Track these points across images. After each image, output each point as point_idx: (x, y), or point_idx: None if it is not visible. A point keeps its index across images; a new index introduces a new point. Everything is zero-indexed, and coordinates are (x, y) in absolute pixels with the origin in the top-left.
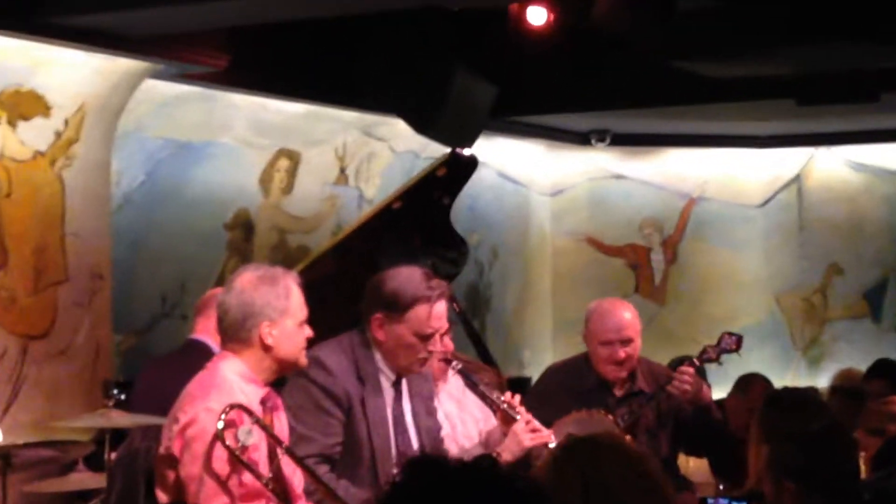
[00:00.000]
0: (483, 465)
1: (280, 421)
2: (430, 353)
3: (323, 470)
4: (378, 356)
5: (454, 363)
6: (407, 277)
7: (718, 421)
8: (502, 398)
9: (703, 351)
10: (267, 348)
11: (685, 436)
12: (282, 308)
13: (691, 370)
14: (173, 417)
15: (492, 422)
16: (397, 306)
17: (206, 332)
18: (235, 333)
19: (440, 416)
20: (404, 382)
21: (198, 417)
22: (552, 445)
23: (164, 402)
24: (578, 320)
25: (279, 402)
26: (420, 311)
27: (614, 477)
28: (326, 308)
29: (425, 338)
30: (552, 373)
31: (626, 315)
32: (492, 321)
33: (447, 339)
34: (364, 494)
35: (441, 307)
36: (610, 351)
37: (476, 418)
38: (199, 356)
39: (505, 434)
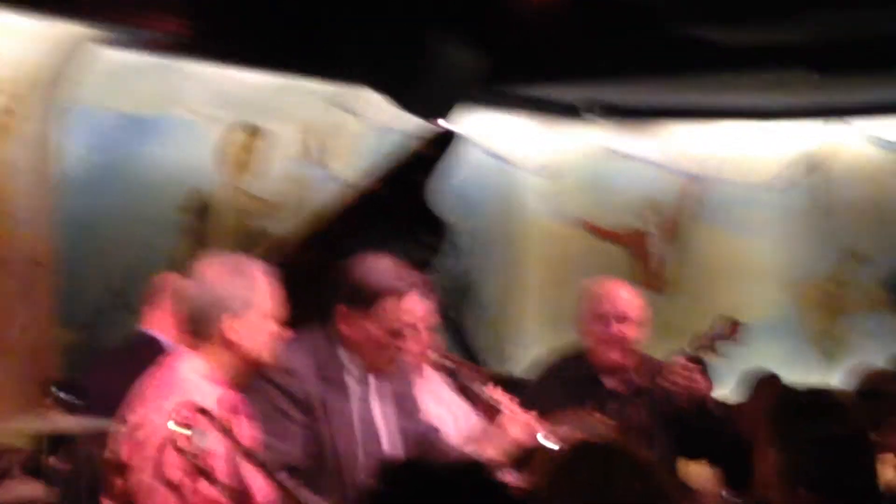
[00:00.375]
0: (468, 472)
1: (241, 424)
2: (402, 350)
3: (282, 476)
4: (343, 353)
5: (432, 355)
6: (372, 266)
7: (719, 418)
8: (485, 390)
9: (696, 340)
10: (229, 344)
11: (685, 438)
12: (246, 300)
13: (682, 360)
14: (122, 419)
15: (472, 416)
16: (362, 299)
17: (155, 323)
18: (195, 327)
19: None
20: (373, 381)
21: (149, 419)
22: (541, 438)
23: (109, 401)
24: (569, 312)
25: (241, 403)
26: (387, 304)
27: (623, 487)
28: (291, 300)
29: (395, 334)
30: (544, 365)
31: (622, 292)
32: (474, 314)
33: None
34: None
35: (412, 300)
36: (604, 326)
37: (455, 413)
38: (149, 351)
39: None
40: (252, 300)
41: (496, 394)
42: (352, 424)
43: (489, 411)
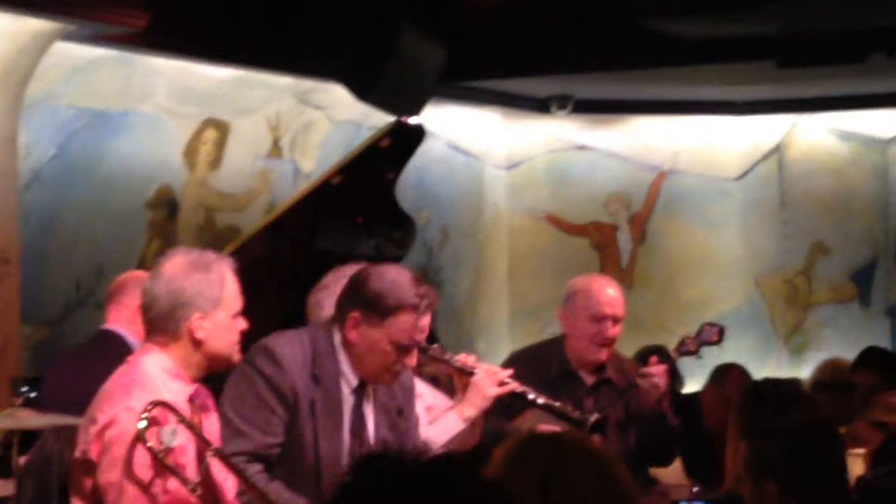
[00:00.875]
0: (442, 463)
1: (210, 421)
2: (404, 366)
3: (254, 469)
4: (343, 357)
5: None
6: (395, 280)
7: (672, 429)
8: (455, 358)
9: (682, 343)
10: (197, 342)
11: (640, 442)
12: (215, 298)
13: (664, 367)
14: (90, 418)
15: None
16: (379, 308)
17: (119, 321)
18: (162, 325)
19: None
20: (369, 391)
21: (118, 418)
22: (519, 391)
23: (76, 400)
24: (537, 307)
25: (209, 401)
26: (403, 318)
27: (576, 478)
28: (259, 294)
29: (402, 349)
30: (518, 358)
31: (615, 292)
32: (442, 308)
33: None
34: (302, 501)
35: (426, 320)
36: (599, 328)
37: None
38: (113, 349)
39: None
40: (220, 298)
41: (466, 358)
42: (340, 430)
43: (462, 377)
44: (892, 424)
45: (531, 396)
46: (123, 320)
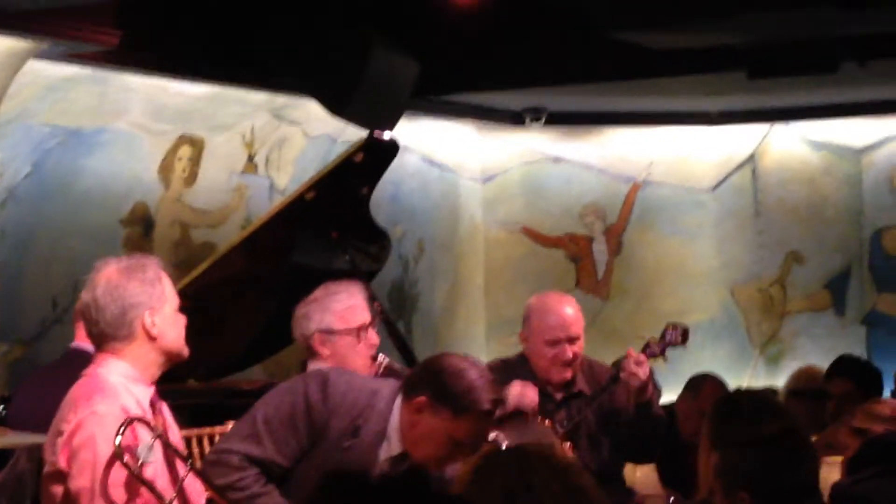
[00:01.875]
0: (407, 481)
1: (169, 421)
2: (454, 459)
3: (253, 472)
4: (394, 424)
5: (380, 358)
6: (476, 383)
7: (662, 418)
8: None
9: (647, 346)
10: (152, 338)
11: (628, 439)
12: (158, 295)
13: (643, 356)
14: (56, 430)
15: None
16: (452, 405)
17: (87, 338)
18: (115, 332)
19: None
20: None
21: (83, 423)
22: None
23: (47, 418)
24: (514, 319)
25: (163, 403)
26: (473, 420)
27: (541, 491)
28: (235, 309)
29: (459, 444)
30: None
31: (570, 311)
32: (419, 322)
33: (372, 333)
34: None
35: (489, 429)
36: (557, 351)
37: None
38: (83, 366)
39: None
40: (162, 294)
41: None
42: None
43: None
44: (872, 432)
45: (501, 442)
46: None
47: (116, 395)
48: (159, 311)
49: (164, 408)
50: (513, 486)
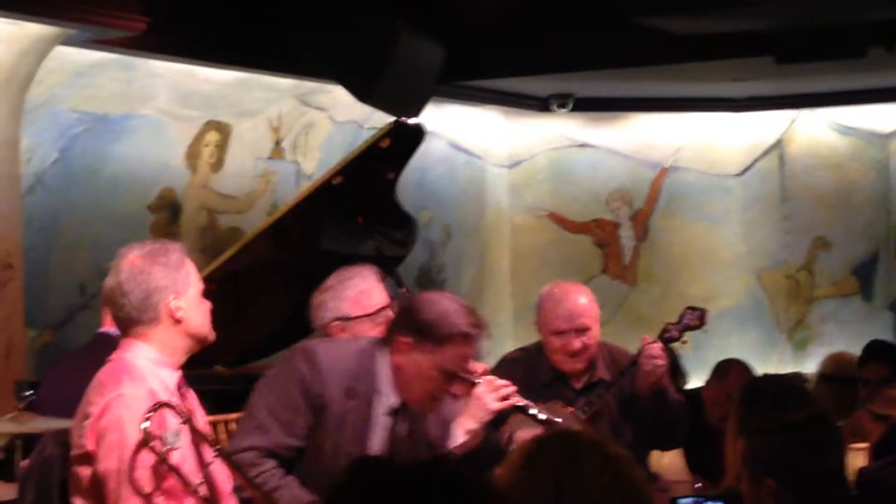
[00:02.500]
0: (436, 467)
1: (195, 405)
2: (448, 394)
3: (270, 465)
4: (384, 378)
5: None
6: (450, 307)
7: (681, 403)
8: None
9: (665, 330)
10: (178, 322)
11: (648, 426)
12: (182, 279)
13: (660, 344)
14: (83, 413)
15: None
16: (433, 335)
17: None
18: (140, 315)
19: None
20: (409, 416)
21: (110, 405)
22: (522, 404)
23: (75, 403)
24: None
25: (189, 389)
26: (456, 347)
27: (590, 480)
28: (261, 295)
29: (450, 376)
30: (505, 364)
31: (582, 300)
32: None
33: (390, 314)
34: (308, 498)
35: (476, 349)
36: (563, 341)
37: None
38: (111, 351)
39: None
40: (186, 279)
41: (469, 368)
42: (362, 448)
43: (464, 387)
44: (893, 417)
45: (532, 411)
46: None
47: (143, 378)
48: (184, 295)
49: (191, 393)
50: (562, 474)
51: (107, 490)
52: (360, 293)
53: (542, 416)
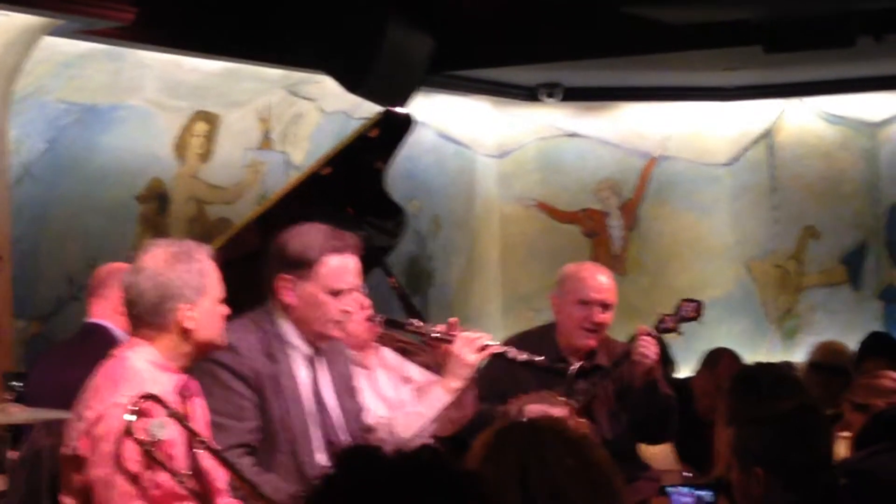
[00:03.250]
0: (422, 457)
1: (200, 409)
2: (347, 314)
3: (247, 462)
4: (288, 328)
5: (377, 318)
6: (312, 232)
7: (671, 398)
8: (435, 327)
9: (661, 320)
10: (186, 332)
11: (639, 420)
12: (199, 287)
13: (653, 339)
14: (78, 414)
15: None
16: (305, 262)
17: (104, 314)
18: (150, 319)
19: (368, 396)
20: (321, 359)
21: (106, 414)
22: (501, 350)
23: (64, 394)
24: (529, 294)
25: (196, 387)
26: (330, 264)
27: (555, 464)
28: (250, 285)
29: (337, 293)
30: (510, 342)
31: (606, 280)
32: (435, 297)
33: (363, 296)
34: (291, 488)
35: (354, 261)
36: (587, 312)
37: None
38: (99, 342)
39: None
40: (204, 286)
41: (444, 327)
42: (300, 401)
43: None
44: (874, 406)
45: (511, 355)
46: (108, 313)
47: (141, 384)
48: (197, 304)
49: (198, 399)
50: (526, 461)
51: (96, 496)
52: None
53: (522, 358)
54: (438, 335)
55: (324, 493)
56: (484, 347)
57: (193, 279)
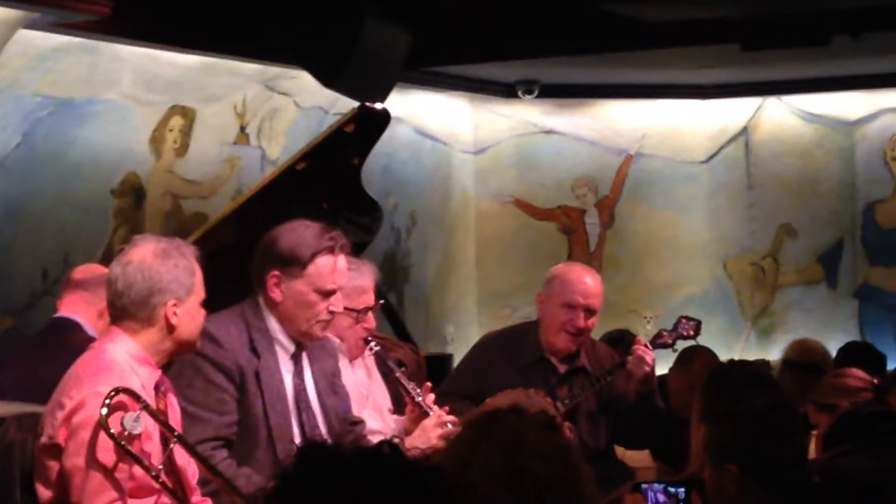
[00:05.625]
0: (382, 453)
1: (173, 407)
2: (332, 314)
3: (221, 456)
4: (274, 323)
5: (372, 343)
6: (304, 230)
7: (661, 410)
8: (418, 391)
9: (658, 335)
10: (170, 328)
11: (625, 428)
12: (189, 285)
13: (651, 353)
14: (57, 403)
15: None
16: (297, 261)
17: (75, 309)
18: (136, 312)
19: (353, 385)
20: (305, 356)
21: (85, 402)
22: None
23: (35, 388)
24: (505, 292)
25: (168, 383)
26: (321, 264)
27: (540, 460)
28: (224, 281)
29: (326, 294)
30: (491, 341)
31: (593, 283)
32: (410, 293)
33: (371, 317)
34: (264, 480)
35: (343, 261)
36: (571, 316)
37: (381, 403)
38: (71, 335)
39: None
40: (193, 285)
41: (427, 399)
42: (284, 397)
43: (418, 411)
44: (839, 406)
45: None
46: (80, 309)
47: (122, 376)
48: (185, 302)
49: (172, 396)
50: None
51: (72, 485)
52: (354, 287)
53: None
54: (419, 401)
55: (281, 490)
56: (450, 435)
57: (183, 276)
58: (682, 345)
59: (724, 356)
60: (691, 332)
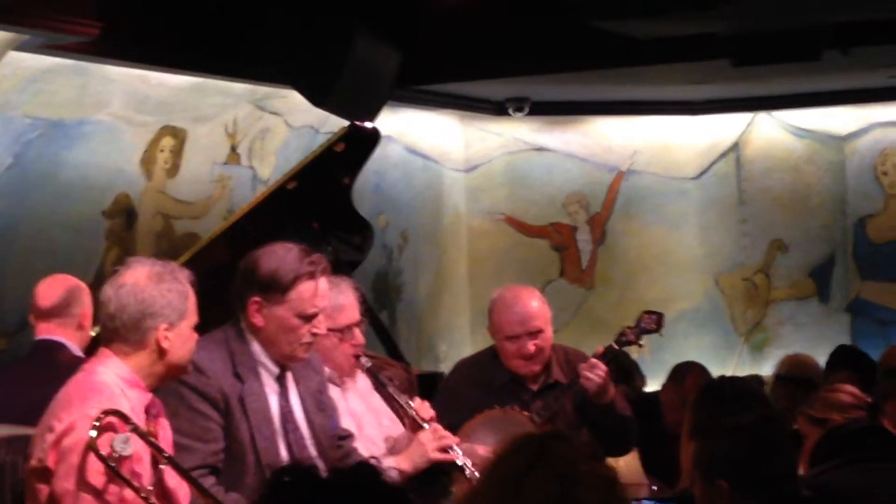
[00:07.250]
0: (360, 475)
1: (164, 429)
2: (315, 336)
3: (208, 483)
4: (256, 347)
5: (364, 360)
6: (284, 255)
7: (629, 419)
8: (412, 405)
9: (622, 333)
10: (162, 352)
11: (597, 437)
12: (182, 310)
13: (602, 363)
14: (47, 426)
15: (400, 427)
16: (277, 287)
17: (52, 333)
18: (127, 335)
19: (343, 414)
20: (290, 377)
21: (75, 425)
22: (460, 462)
23: (24, 410)
24: None
25: (160, 406)
26: (302, 289)
27: (593, 490)
28: (218, 300)
29: (309, 318)
30: (461, 368)
31: (533, 304)
32: (403, 312)
33: (358, 333)
34: None
35: (324, 284)
36: (518, 345)
37: (382, 421)
38: (58, 354)
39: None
40: (186, 310)
41: (423, 411)
42: (271, 421)
43: (413, 425)
44: (831, 420)
45: (468, 473)
46: (62, 330)
47: (111, 398)
48: (177, 326)
49: (164, 419)
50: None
51: None
52: (334, 307)
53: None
54: (414, 415)
55: None
56: (447, 450)
57: (176, 300)
58: (655, 341)
59: (717, 372)
60: (654, 326)
